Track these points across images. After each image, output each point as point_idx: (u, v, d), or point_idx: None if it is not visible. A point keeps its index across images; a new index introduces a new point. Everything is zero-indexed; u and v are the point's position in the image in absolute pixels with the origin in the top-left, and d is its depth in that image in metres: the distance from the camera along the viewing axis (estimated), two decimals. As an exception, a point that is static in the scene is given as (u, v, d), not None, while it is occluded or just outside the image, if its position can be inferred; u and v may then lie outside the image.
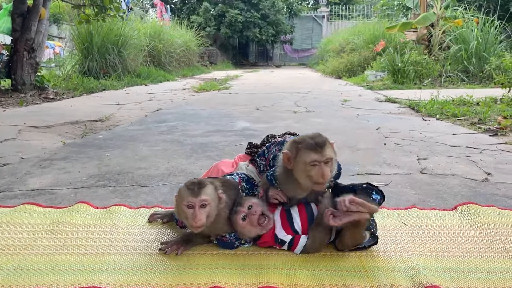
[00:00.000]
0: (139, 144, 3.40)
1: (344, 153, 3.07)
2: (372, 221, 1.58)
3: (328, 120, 4.61)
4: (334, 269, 1.43)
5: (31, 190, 2.25)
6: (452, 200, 2.09)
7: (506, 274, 1.40)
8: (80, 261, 1.48)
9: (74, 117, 4.68)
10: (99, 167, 2.71)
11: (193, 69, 14.95)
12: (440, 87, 8.03)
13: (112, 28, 9.54)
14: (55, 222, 1.78)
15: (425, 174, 2.56)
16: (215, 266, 1.44)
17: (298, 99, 6.74)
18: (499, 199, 2.11)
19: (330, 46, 16.06)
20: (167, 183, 2.38)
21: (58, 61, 11.67)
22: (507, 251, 1.55)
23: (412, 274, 1.38)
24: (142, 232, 1.72)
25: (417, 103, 5.61)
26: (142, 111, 5.44)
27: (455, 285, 1.33)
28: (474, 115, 4.69)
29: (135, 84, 9.30)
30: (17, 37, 6.64)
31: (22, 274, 1.39)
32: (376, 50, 10.86)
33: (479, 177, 2.50)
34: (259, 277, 1.36)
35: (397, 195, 2.19)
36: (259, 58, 28.58)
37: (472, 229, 1.74)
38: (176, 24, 15.61)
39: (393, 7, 18.40)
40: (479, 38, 8.96)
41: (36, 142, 3.49)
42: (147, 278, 1.37)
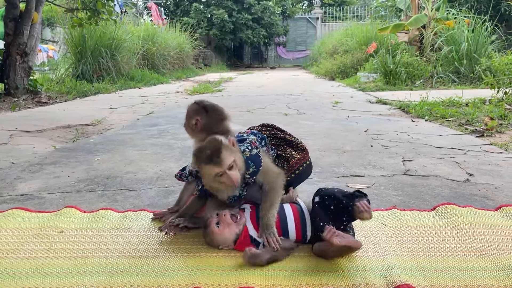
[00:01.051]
0: (129, 148, 3.43)
1: (331, 156, 3.12)
2: (350, 228, 1.63)
3: (318, 123, 4.66)
4: (312, 269, 1.47)
5: (20, 195, 2.29)
6: (432, 201, 2.15)
7: (477, 272, 1.45)
8: (65, 264, 1.52)
9: (66, 121, 4.71)
10: (88, 171, 2.75)
11: (187, 71, 14.99)
12: (431, 88, 8.12)
13: (105, 31, 9.59)
14: (43, 226, 1.82)
15: (408, 175, 2.62)
16: (196, 268, 1.48)
17: (290, 101, 6.80)
18: (478, 200, 2.17)
19: (323, 47, 16.15)
20: (154, 187, 2.42)
21: (52, 65, 11.68)
22: (480, 250, 1.60)
23: (387, 274, 1.43)
24: (128, 235, 1.76)
25: (407, 105, 5.67)
26: (134, 114, 5.48)
27: (426, 283, 1.38)
28: (462, 116, 4.76)
29: (128, 87, 9.34)
30: (9, 42, 6.66)
31: (9, 278, 1.43)
32: (369, 51, 10.94)
33: (461, 178, 2.55)
34: (239, 278, 1.41)
35: (379, 196, 2.24)
36: (254, 60, 28.64)
37: (449, 229, 1.79)
38: (170, 26, 15.64)
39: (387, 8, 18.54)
40: (469, 39, 9.05)
41: (27, 146, 3.52)
42: (130, 280, 1.41)
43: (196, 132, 1.89)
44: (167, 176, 2.61)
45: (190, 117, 1.90)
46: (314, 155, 3.14)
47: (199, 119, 1.87)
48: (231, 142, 1.63)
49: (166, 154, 3.21)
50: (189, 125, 1.91)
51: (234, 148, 1.64)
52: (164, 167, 2.84)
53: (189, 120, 1.90)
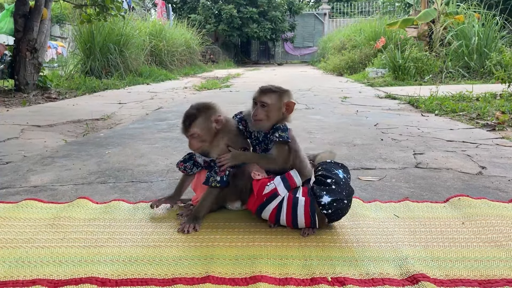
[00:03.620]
0: (139, 142, 3.45)
1: (341, 149, 3.11)
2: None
3: (327, 117, 4.65)
4: (325, 258, 1.47)
5: (33, 187, 2.31)
6: (445, 193, 2.13)
7: (492, 262, 1.44)
8: (79, 253, 1.53)
9: (76, 116, 4.73)
10: (99, 164, 2.77)
11: (195, 67, 15.00)
12: (440, 83, 8.05)
13: (114, 27, 9.60)
14: (56, 217, 1.83)
15: (420, 168, 2.60)
16: (209, 257, 1.49)
17: (298, 97, 6.77)
18: (491, 192, 2.15)
19: (331, 43, 16.08)
20: (165, 179, 2.42)
21: (61, 61, 11.75)
22: (495, 241, 1.59)
23: (401, 264, 1.42)
24: (140, 226, 1.77)
25: (416, 99, 5.63)
26: (143, 109, 5.49)
27: (441, 273, 1.37)
28: (473, 111, 4.72)
29: (136, 83, 9.36)
30: (19, 38, 6.71)
31: (24, 266, 1.44)
32: (377, 47, 10.87)
33: (473, 171, 2.53)
34: (252, 267, 1.41)
35: (391, 188, 2.23)
36: (261, 57, 28.60)
37: (462, 220, 1.78)
38: (178, 23, 15.65)
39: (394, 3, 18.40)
40: (480, 33, 8.96)
41: (38, 140, 3.55)
42: (143, 269, 1.42)
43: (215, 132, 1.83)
44: (177, 169, 2.61)
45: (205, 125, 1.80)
46: (325, 148, 3.13)
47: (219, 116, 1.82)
48: (287, 103, 1.79)
49: (176, 148, 3.21)
50: (210, 131, 1.81)
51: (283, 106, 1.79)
52: (174, 160, 2.84)
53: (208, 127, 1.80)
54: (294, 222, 1.66)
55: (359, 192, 2.16)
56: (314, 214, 1.63)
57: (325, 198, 1.62)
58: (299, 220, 1.65)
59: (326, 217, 1.64)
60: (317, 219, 1.64)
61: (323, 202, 1.61)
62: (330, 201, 1.61)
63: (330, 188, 1.63)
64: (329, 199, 1.61)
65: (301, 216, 1.64)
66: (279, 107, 1.79)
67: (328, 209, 1.61)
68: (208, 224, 1.77)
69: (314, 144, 3.29)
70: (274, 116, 1.79)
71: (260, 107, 1.77)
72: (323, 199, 1.62)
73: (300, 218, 1.64)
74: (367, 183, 2.31)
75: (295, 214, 1.64)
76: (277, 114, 1.79)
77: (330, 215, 1.63)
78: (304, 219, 1.64)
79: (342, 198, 1.63)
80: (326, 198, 1.61)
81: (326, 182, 1.66)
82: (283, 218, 1.66)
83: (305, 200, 1.66)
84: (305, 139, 3.48)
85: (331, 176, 1.67)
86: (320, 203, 1.62)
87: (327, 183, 1.65)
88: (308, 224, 1.65)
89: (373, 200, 2.00)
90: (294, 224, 1.67)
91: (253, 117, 1.78)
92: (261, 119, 1.78)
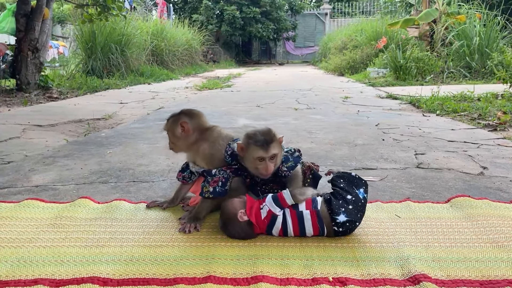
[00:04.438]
0: (140, 142, 3.45)
1: (342, 149, 3.11)
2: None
3: (328, 117, 4.64)
4: (326, 258, 1.47)
5: (34, 186, 2.31)
6: (446, 194, 2.13)
7: (494, 263, 1.44)
8: (81, 253, 1.53)
9: (78, 115, 4.74)
10: (101, 164, 2.77)
11: (196, 67, 15.00)
12: (442, 83, 8.04)
13: (115, 27, 9.62)
14: (58, 216, 1.84)
15: (421, 168, 2.60)
16: (211, 257, 1.49)
17: (299, 97, 6.78)
18: (493, 192, 2.15)
19: (332, 43, 16.07)
20: (167, 179, 2.43)
21: (62, 61, 11.77)
22: (497, 241, 1.59)
23: (402, 264, 1.42)
24: (142, 225, 1.77)
25: (418, 99, 5.63)
26: (144, 109, 5.50)
27: (443, 273, 1.37)
28: (474, 111, 4.71)
29: (138, 83, 9.37)
30: (21, 38, 6.72)
31: (26, 265, 1.44)
32: (378, 47, 10.85)
33: (475, 171, 2.53)
34: (253, 267, 1.41)
35: (392, 189, 2.23)
36: (262, 56, 28.59)
37: (464, 220, 1.78)
38: (179, 22, 15.66)
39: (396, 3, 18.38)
40: (481, 33, 8.94)
41: (39, 140, 3.55)
42: (145, 269, 1.42)
43: (187, 136, 1.88)
44: (179, 168, 2.60)
45: (174, 128, 1.88)
46: (326, 148, 3.14)
47: (185, 122, 1.86)
48: (280, 139, 1.79)
49: (177, 148, 3.21)
50: (175, 135, 1.88)
51: (179, 128, 1.86)
52: (175, 159, 2.84)
53: (174, 130, 1.88)
54: (302, 233, 1.63)
55: (361, 192, 2.15)
56: (323, 225, 1.61)
57: (341, 217, 1.59)
58: (307, 233, 1.63)
59: (333, 232, 1.62)
60: (325, 229, 1.62)
61: (338, 220, 1.59)
62: (345, 221, 1.59)
63: (348, 209, 1.60)
64: (345, 219, 1.59)
65: (309, 229, 1.62)
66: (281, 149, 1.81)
67: (340, 227, 1.60)
68: (209, 224, 1.77)
69: (315, 144, 3.29)
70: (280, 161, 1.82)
71: (270, 161, 1.75)
72: (339, 217, 1.59)
73: (308, 231, 1.62)
74: (368, 184, 2.30)
75: (303, 227, 1.62)
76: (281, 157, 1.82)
77: (339, 232, 1.61)
78: (313, 230, 1.62)
79: (356, 220, 1.61)
80: (342, 217, 1.59)
81: (347, 198, 1.62)
82: (290, 232, 1.63)
83: (310, 213, 1.63)
84: (306, 139, 3.48)
85: (352, 194, 1.64)
86: (335, 220, 1.59)
87: (347, 200, 1.62)
88: (316, 234, 1.63)
89: (374, 201, 2.00)
90: (302, 235, 1.64)
91: (267, 173, 1.75)
92: (272, 170, 1.77)
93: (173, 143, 1.92)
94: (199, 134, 1.89)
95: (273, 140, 1.74)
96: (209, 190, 1.78)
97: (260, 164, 1.74)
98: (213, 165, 1.85)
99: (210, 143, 1.87)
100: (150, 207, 1.97)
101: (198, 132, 1.89)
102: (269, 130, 1.78)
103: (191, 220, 1.75)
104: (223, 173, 1.80)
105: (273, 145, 1.73)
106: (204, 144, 1.87)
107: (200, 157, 1.88)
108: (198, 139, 1.88)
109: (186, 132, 1.87)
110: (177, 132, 1.88)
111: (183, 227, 1.72)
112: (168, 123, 1.92)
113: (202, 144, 1.87)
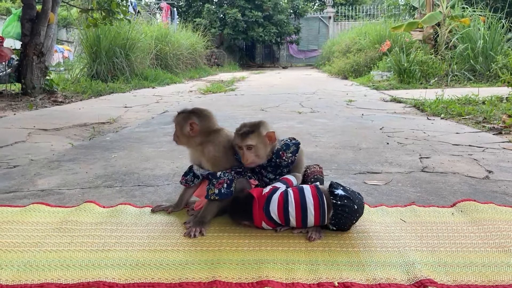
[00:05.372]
0: (145, 146, 3.46)
1: (346, 153, 3.11)
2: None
3: (332, 121, 4.64)
4: (332, 263, 1.47)
5: (40, 191, 2.32)
6: (451, 198, 2.12)
7: (500, 268, 1.43)
8: (86, 257, 1.54)
9: (82, 119, 4.76)
10: (106, 168, 2.78)
11: (200, 71, 15.04)
12: (446, 86, 8.02)
13: (120, 31, 9.67)
14: (63, 220, 1.85)
15: (426, 172, 2.59)
16: (216, 261, 1.49)
17: (303, 100, 6.78)
18: (499, 196, 2.14)
19: (336, 46, 16.08)
20: (171, 183, 2.43)
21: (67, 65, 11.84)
22: (503, 246, 1.58)
23: (408, 268, 1.42)
24: (147, 230, 1.77)
25: (422, 103, 5.62)
26: (149, 113, 5.52)
27: (449, 278, 1.36)
28: (479, 114, 4.69)
29: (142, 86, 9.41)
30: (26, 42, 6.77)
31: (32, 270, 1.45)
32: (382, 50, 10.86)
33: (480, 175, 2.52)
34: (259, 272, 1.41)
35: (397, 193, 2.22)
36: (266, 60, 28.63)
37: (469, 225, 1.77)
38: (183, 26, 15.72)
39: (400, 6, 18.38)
40: (485, 36, 8.92)
41: (45, 144, 3.57)
42: (150, 273, 1.42)
43: (194, 136, 1.89)
44: (183, 172, 2.61)
45: (182, 125, 1.90)
46: (330, 152, 3.14)
47: (194, 123, 1.88)
48: (267, 134, 1.84)
49: (182, 151, 3.22)
50: (183, 133, 1.90)
51: (265, 140, 1.84)
52: (180, 163, 2.86)
53: (183, 128, 1.90)
54: (303, 203, 1.67)
55: (365, 197, 2.15)
56: (322, 196, 1.67)
57: (339, 191, 1.68)
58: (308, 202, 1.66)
59: (333, 209, 1.66)
60: (325, 200, 1.66)
61: (336, 192, 1.68)
62: (343, 195, 1.67)
63: (345, 189, 1.71)
64: (343, 193, 1.67)
65: (309, 197, 1.67)
66: (264, 143, 1.85)
67: (339, 200, 1.66)
68: (214, 228, 1.77)
69: (319, 147, 3.29)
70: (264, 153, 1.87)
71: (247, 151, 1.82)
72: (338, 191, 1.68)
73: (308, 199, 1.67)
74: (373, 187, 2.31)
75: (303, 196, 1.68)
76: (265, 149, 1.86)
77: (338, 207, 1.65)
78: (313, 200, 1.66)
79: (354, 199, 1.67)
80: (340, 192, 1.68)
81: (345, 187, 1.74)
82: (292, 210, 1.67)
83: (310, 186, 1.73)
84: (310, 142, 3.48)
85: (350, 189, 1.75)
86: (333, 193, 1.68)
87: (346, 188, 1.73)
88: (316, 204, 1.66)
89: (379, 205, 2.00)
90: (303, 216, 1.66)
91: (245, 162, 1.83)
92: (253, 161, 1.85)
93: (178, 136, 1.94)
94: (206, 135, 1.89)
95: (253, 131, 1.82)
96: (214, 192, 1.80)
97: (240, 152, 1.84)
98: (219, 167, 1.87)
99: (216, 146, 1.88)
100: (155, 211, 1.97)
101: (205, 134, 1.90)
102: (259, 123, 1.87)
103: (196, 224, 1.75)
104: (228, 175, 1.83)
105: (251, 136, 1.81)
106: (210, 146, 1.88)
107: (206, 159, 1.89)
108: (205, 141, 1.89)
109: (193, 132, 1.88)
110: (185, 129, 1.89)
111: (188, 232, 1.72)
112: (178, 118, 1.92)
113: (208, 146, 1.88)
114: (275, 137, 1.88)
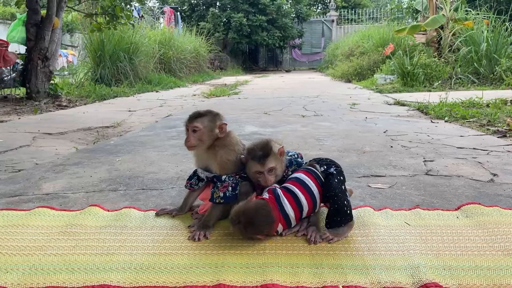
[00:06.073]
0: (149, 149, 3.47)
1: (350, 156, 3.10)
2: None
3: (336, 124, 4.64)
4: (336, 266, 1.46)
5: (45, 194, 2.33)
6: (456, 201, 2.12)
7: (506, 271, 1.42)
8: (91, 260, 1.54)
9: (87, 123, 4.79)
10: (110, 171, 2.79)
11: (203, 75, 15.09)
12: (450, 89, 8.01)
13: (124, 36, 9.73)
14: (68, 224, 1.85)
15: (430, 175, 2.59)
16: (220, 265, 1.49)
17: (307, 103, 6.78)
18: (503, 199, 2.13)
19: (339, 50, 16.10)
20: (175, 186, 2.44)
21: (71, 69, 11.90)
22: (508, 249, 1.57)
23: (413, 272, 1.41)
24: (151, 233, 1.78)
25: (426, 106, 5.61)
26: (152, 117, 5.54)
27: (454, 282, 1.36)
28: (483, 117, 4.68)
29: (146, 90, 9.44)
30: (31, 47, 6.82)
31: (37, 273, 1.45)
32: (386, 53, 10.86)
33: (485, 178, 2.51)
34: (263, 275, 1.41)
35: (401, 196, 2.22)
36: (269, 63, 28.69)
37: (474, 228, 1.76)
38: (186, 30, 15.79)
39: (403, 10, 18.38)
40: (489, 39, 8.91)
41: (49, 148, 3.59)
42: (155, 277, 1.43)
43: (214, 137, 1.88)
44: (187, 176, 2.60)
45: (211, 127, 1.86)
46: (334, 155, 3.13)
47: (224, 124, 1.89)
48: (279, 151, 1.84)
49: (186, 155, 3.23)
50: (212, 135, 1.86)
51: (279, 157, 1.86)
52: (184, 167, 2.86)
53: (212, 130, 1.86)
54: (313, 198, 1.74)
55: (370, 200, 2.15)
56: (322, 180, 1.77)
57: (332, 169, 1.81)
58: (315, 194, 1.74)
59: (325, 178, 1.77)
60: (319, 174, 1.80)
61: (330, 171, 1.80)
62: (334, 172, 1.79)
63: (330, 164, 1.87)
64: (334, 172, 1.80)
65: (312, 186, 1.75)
66: (280, 161, 1.87)
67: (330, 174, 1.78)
68: (218, 232, 1.77)
69: (323, 151, 3.29)
70: (281, 171, 1.88)
71: (268, 173, 1.83)
72: (331, 169, 1.81)
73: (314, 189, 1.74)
74: (377, 191, 2.30)
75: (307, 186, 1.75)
76: (281, 167, 1.88)
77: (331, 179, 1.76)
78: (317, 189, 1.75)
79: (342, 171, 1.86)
80: (332, 169, 1.81)
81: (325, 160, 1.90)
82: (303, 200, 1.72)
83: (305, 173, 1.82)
84: (314, 146, 3.48)
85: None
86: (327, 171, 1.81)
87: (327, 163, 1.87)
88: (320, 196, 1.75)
89: (383, 208, 1.99)
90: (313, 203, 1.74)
91: (269, 184, 1.83)
92: (275, 181, 1.86)
93: (201, 140, 1.85)
94: (217, 138, 1.89)
95: (269, 154, 1.81)
96: (219, 196, 1.80)
97: (259, 177, 1.82)
98: (227, 171, 1.87)
99: (228, 149, 1.88)
100: (159, 215, 1.98)
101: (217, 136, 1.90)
102: (267, 143, 1.85)
103: (201, 227, 1.76)
104: (232, 179, 1.84)
105: (269, 159, 1.80)
106: (221, 150, 1.87)
107: (217, 162, 1.88)
108: (215, 144, 1.88)
109: (222, 133, 1.88)
110: (214, 131, 1.87)
111: (192, 235, 1.72)
112: (205, 120, 1.86)
113: (219, 149, 1.87)
114: (284, 151, 1.90)
